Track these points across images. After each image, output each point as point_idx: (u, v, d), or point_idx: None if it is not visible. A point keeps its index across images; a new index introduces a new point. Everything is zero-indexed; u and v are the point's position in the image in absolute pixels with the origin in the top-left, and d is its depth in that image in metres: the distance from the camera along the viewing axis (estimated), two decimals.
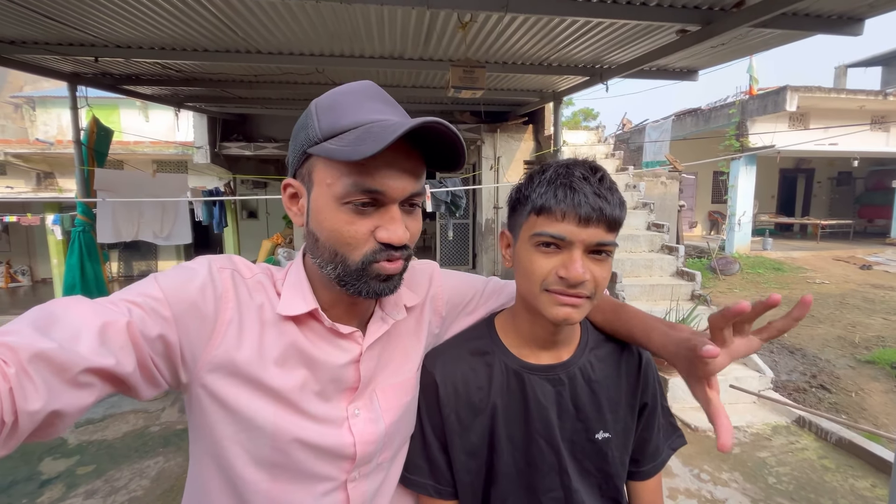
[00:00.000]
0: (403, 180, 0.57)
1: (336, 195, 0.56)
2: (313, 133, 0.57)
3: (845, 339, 5.29)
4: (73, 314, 0.48)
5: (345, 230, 0.57)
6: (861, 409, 3.79)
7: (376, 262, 0.58)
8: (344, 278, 0.59)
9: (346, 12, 2.68)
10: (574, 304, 0.64)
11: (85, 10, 2.60)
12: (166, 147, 8.86)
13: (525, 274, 0.68)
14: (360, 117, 0.56)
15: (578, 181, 0.64)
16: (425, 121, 0.53)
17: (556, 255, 0.64)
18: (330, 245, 0.58)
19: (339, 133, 0.56)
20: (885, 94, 9.42)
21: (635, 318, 0.75)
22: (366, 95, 0.60)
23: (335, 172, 0.56)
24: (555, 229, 0.63)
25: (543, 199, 0.65)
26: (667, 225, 5.63)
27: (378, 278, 0.59)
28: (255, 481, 0.60)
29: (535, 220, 0.66)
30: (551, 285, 0.64)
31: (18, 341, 0.42)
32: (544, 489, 0.73)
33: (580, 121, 18.27)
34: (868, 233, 13.15)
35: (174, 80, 4.19)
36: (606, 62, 3.69)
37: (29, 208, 8.39)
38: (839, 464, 2.94)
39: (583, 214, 0.62)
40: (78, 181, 3.97)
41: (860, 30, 2.65)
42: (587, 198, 0.63)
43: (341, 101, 0.58)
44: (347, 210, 0.57)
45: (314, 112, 0.59)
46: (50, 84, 10.65)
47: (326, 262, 0.60)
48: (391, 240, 0.57)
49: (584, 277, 0.62)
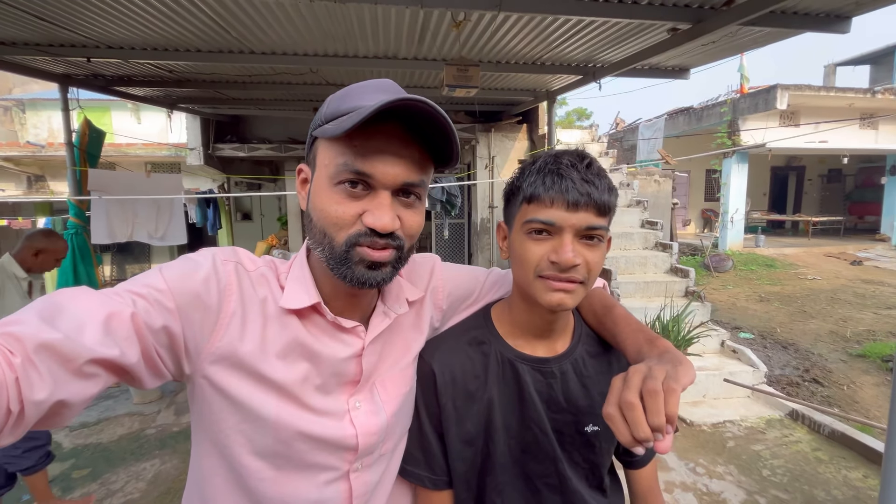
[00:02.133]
0: (396, 166, 0.57)
1: (330, 175, 0.57)
2: (319, 117, 0.60)
3: (837, 334, 5.36)
4: (79, 305, 0.48)
5: (332, 210, 0.57)
6: (853, 401, 3.84)
7: (360, 246, 0.58)
8: (330, 261, 0.59)
9: (339, 12, 2.69)
10: (567, 289, 0.65)
11: (77, 11, 2.58)
12: (159, 149, 8.81)
13: (519, 261, 0.69)
14: (362, 102, 0.56)
15: (566, 168, 0.65)
16: (408, 97, 0.52)
17: (548, 241, 0.66)
18: (320, 225, 0.59)
19: (338, 116, 0.57)
20: (873, 92, 9.56)
21: (621, 323, 0.74)
22: (378, 87, 0.60)
23: (332, 153, 0.57)
24: (544, 215, 0.65)
25: (533, 187, 0.66)
26: (660, 222, 5.68)
27: (363, 264, 0.58)
28: (258, 470, 0.61)
29: (526, 208, 0.67)
30: (544, 271, 0.65)
31: (24, 331, 0.43)
32: (539, 474, 0.74)
33: (574, 120, 18.36)
34: (858, 229, 13.32)
35: (167, 81, 4.16)
36: (599, 61, 3.72)
37: (20, 211, 8.30)
38: (832, 455, 2.98)
39: (571, 199, 0.63)
40: (70, 182, 3.93)
41: (847, 28, 2.68)
42: (575, 183, 0.64)
43: (351, 91, 0.60)
44: (339, 191, 0.57)
45: (326, 102, 0.61)
46: (40, 86, 10.55)
47: (317, 244, 0.60)
48: (375, 225, 0.56)
49: (574, 261, 0.63)
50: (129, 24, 2.79)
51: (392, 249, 0.59)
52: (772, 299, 6.85)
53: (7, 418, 0.40)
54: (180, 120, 6.35)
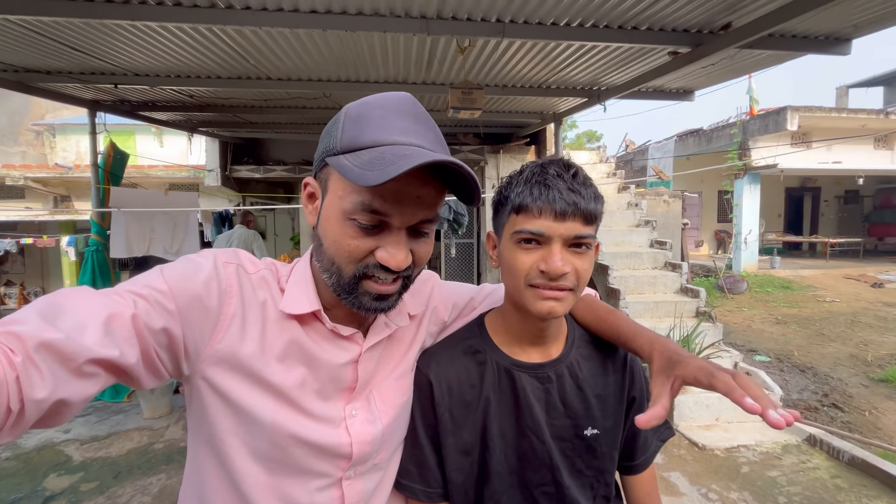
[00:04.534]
0: (413, 207, 0.57)
1: (344, 209, 0.57)
2: (334, 143, 0.58)
3: (858, 358, 5.18)
4: (80, 305, 0.48)
5: (345, 244, 0.57)
6: (876, 428, 3.69)
7: (368, 279, 0.58)
8: (337, 288, 0.60)
9: (351, 40, 2.83)
10: (557, 297, 0.66)
11: (106, 41, 2.77)
12: (179, 170, 9.12)
13: (509, 271, 0.70)
14: (381, 136, 0.56)
15: (552, 178, 0.67)
16: (435, 160, 0.52)
17: (537, 250, 0.67)
18: (330, 254, 0.59)
19: (356, 149, 0.56)
20: (886, 113, 9.49)
21: (625, 321, 0.77)
22: (397, 111, 0.58)
23: (347, 187, 0.56)
24: (533, 225, 0.66)
25: (521, 197, 0.67)
26: (669, 242, 5.64)
27: (370, 296, 0.59)
28: (252, 473, 0.61)
29: (514, 218, 0.68)
30: (534, 280, 0.66)
31: (25, 330, 0.43)
32: (536, 483, 0.74)
33: (584, 143, 18.51)
34: (878, 251, 13.00)
35: (188, 105, 4.37)
36: (604, 84, 3.80)
37: (45, 230, 8.61)
38: (852, 483, 2.85)
39: (558, 209, 0.65)
40: (93, 201, 4.12)
41: (848, 50, 2.72)
42: (561, 193, 0.65)
43: (368, 115, 0.58)
44: (352, 225, 0.56)
45: (341, 120, 0.59)
46: (69, 112, 11.10)
47: (325, 269, 0.61)
48: (389, 263, 0.56)
49: (563, 270, 0.64)
50: (154, 53, 2.98)
51: (400, 281, 0.60)
52: (789, 322, 6.67)
53: (7, 417, 0.40)
54: (200, 143, 6.61)
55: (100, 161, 4.14)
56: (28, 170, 9.37)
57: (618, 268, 5.13)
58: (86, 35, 2.67)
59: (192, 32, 2.65)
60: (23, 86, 3.41)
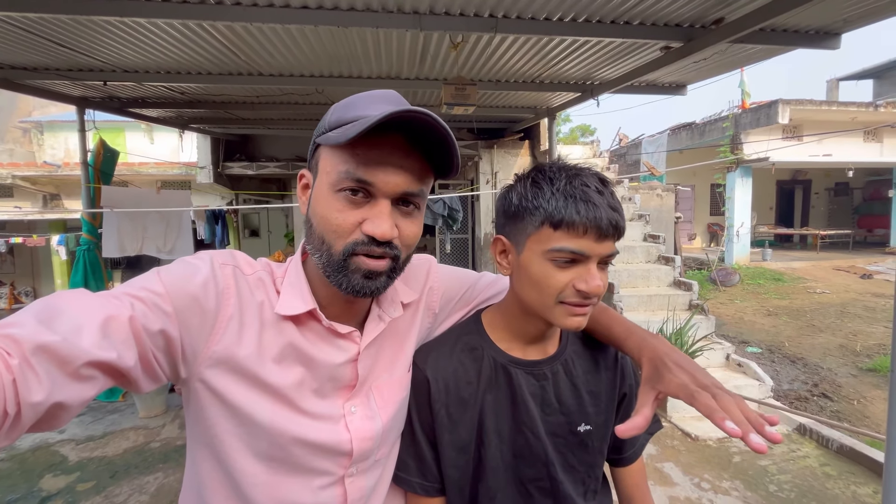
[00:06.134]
0: (396, 176, 0.58)
1: (331, 182, 0.58)
2: (323, 125, 0.61)
3: (847, 348, 5.28)
4: (77, 307, 0.48)
5: (333, 217, 0.58)
6: (863, 416, 3.77)
7: (357, 255, 0.58)
8: (327, 268, 0.60)
9: (343, 36, 2.81)
10: (586, 312, 0.67)
11: (95, 38, 2.73)
12: (170, 167, 9.03)
13: (537, 286, 0.67)
14: (366, 112, 0.57)
15: (595, 195, 0.64)
16: (411, 109, 0.53)
17: (572, 268, 0.65)
18: (319, 231, 0.60)
19: (342, 125, 0.58)
20: (875, 106, 9.58)
21: (618, 320, 0.77)
22: (384, 98, 0.61)
23: (334, 161, 0.59)
24: (576, 245, 0.64)
25: (563, 213, 0.64)
26: (663, 236, 5.68)
27: (359, 273, 0.59)
28: (253, 474, 0.61)
29: (550, 233, 0.65)
30: (567, 298, 0.65)
31: (22, 333, 0.42)
32: (531, 478, 0.75)
33: (577, 137, 18.52)
34: (868, 242, 13.16)
35: (179, 102, 4.32)
36: (597, 78, 3.81)
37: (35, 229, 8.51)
38: (841, 471, 2.92)
39: (603, 229, 0.63)
40: (84, 200, 4.07)
41: (837, 44, 2.74)
42: (605, 212, 0.64)
43: (356, 101, 0.60)
44: (340, 198, 0.58)
45: (331, 109, 0.62)
46: (57, 109, 10.93)
47: (315, 249, 0.61)
48: (375, 233, 0.57)
49: (603, 291, 0.65)
50: (144, 50, 2.94)
51: (388, 259, 0.60)
52: (780, 313, 6.77)
53: (3, 420, 0.40)
54: (191, 140, 6.53)
55: (90, 159, 4.08)
56: (16, 168, 9.24)
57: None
58: (73, 31, 2.63)
59: (182, 29, 2.62)
60: (9, 83, 3.34)
